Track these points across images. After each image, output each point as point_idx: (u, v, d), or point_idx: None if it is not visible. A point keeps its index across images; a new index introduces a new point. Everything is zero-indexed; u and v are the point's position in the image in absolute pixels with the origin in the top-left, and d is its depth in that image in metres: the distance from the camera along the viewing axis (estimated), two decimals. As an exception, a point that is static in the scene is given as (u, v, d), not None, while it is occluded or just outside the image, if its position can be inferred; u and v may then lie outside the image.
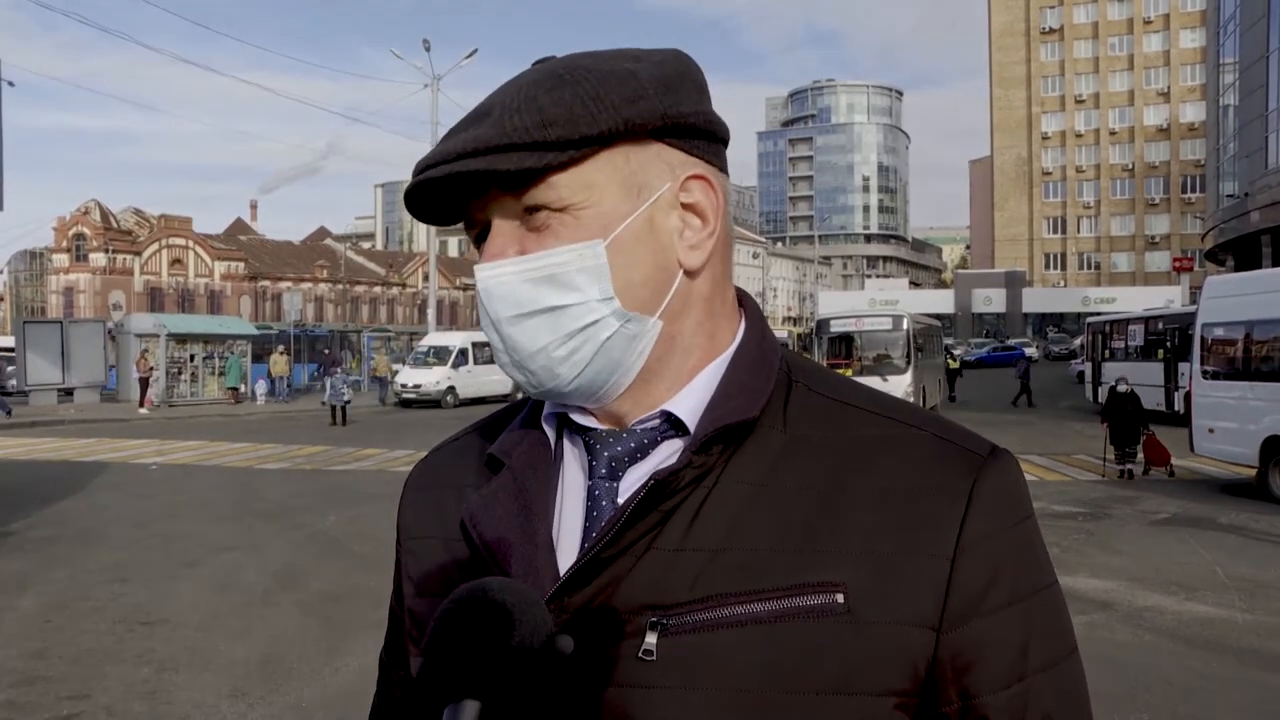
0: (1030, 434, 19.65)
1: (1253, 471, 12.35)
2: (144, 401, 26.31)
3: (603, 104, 0.74)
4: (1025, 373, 28.61)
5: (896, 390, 17.55)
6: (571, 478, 0.81)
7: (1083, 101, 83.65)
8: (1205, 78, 53.37)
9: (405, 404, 29.01)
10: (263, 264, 68.18)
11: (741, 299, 0.86)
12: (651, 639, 0.71)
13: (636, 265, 0.76)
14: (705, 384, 0.79)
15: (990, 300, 74.31)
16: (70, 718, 5.11)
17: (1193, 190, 76.72)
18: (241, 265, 66.32)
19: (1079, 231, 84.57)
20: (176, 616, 6.96)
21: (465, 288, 74.09)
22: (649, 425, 0.79)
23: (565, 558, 0.76)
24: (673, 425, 0.79)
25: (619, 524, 0.73)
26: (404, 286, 76.69)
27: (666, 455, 0.78)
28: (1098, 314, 33.87)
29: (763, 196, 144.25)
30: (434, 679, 0.66)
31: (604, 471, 0.79)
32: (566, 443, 0.83)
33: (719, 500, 0.74)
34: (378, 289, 74.85)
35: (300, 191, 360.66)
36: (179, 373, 29.52)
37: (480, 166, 0.73)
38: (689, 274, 0.79)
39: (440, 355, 29.63)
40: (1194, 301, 16.86)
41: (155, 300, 59.74)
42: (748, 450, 0.76)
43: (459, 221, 0.82)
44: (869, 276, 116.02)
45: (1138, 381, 16.97)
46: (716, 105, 0.83)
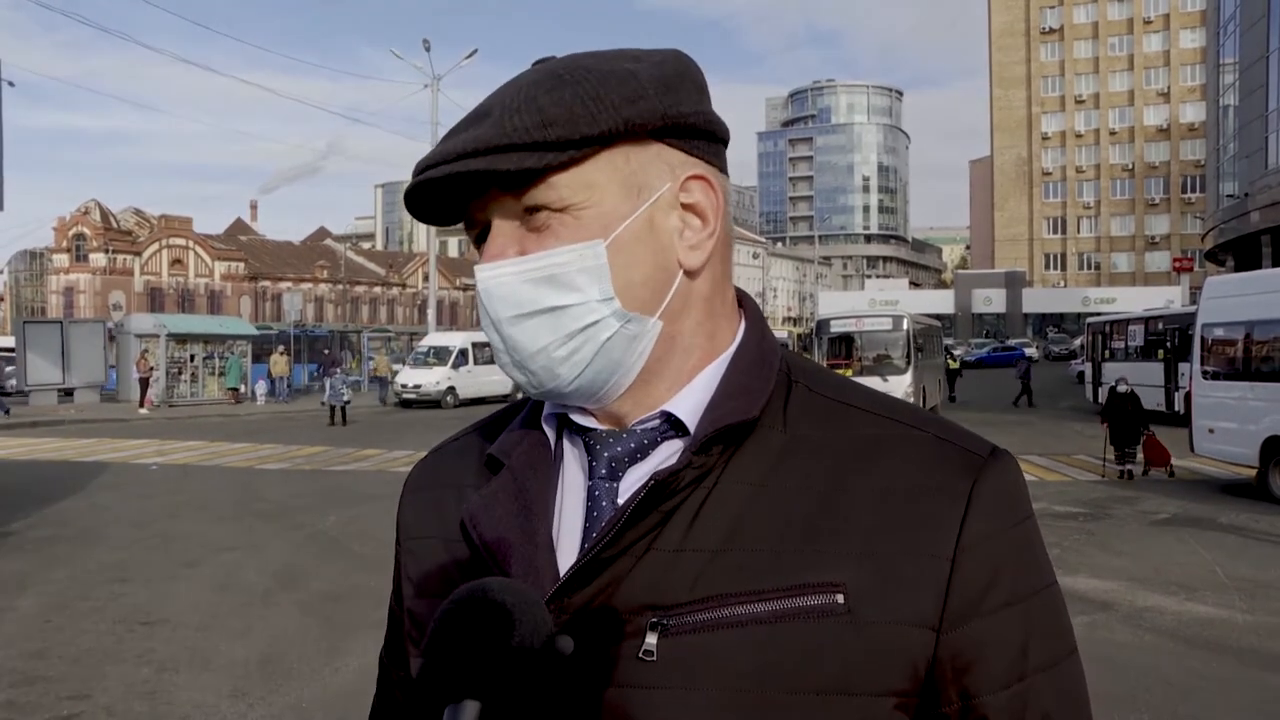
0: (1030, 434, 19.65)
1: (1253, 472, 12.35)
2: (144, 402, 26.33)
3: (603, 104, 0.74)
4: (1026, 373, 28.61)
5: (896, 390, 17.60)
6: (571, 478, 0.81)
7: (1083, 102, 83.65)
8: (1205, 78, 53.36)
9: (405, 404, 29.01)
10: (263, 264, 68.19)
11: (741, 299, 0.86)
12: (652, 639, 0.71)
13: (637, 265, 0.76)
14: (705, 384, 0.79)
15: (990, 300, 74.28)
16: (70, 718, 5.11)
17: (1193, 190, 76.73)
18: (241, 265, 66.34)
19: (1079, 232, 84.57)
20: (176, 616, 6.96)
21: (465, 288, 74.08)
22: (649, 425, 0.79)
23: (565, 558, 0.76)
24: (673, 425, 0.79)
25: (619, 524, 0.73)
26: (404, 287, 76.69)
27: (666, 456, 0.78)
28: (1098, 314, 33.84)
29: (763, 196, 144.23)
30: (434, 679, 0.66)
31: (604, 472, 0.79)
32: (566, 443, 0.83)
33: (719, 501, 0.74)
34: (378, 289, 74.85)
35: (300, 192, 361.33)
36: (179, 373, 29.53)
37: (480, 167, 0.73)
38: (689, 274, 0.79)
39: (440, 355, 29.63)
40: (1194, 302, 16.86)
41: (155, 300, 59.76)
42: (748, 450, 0.76)
43: (459, 222, 0.81)
44: (869, 277, 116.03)
45: (1138, 382, 16.96)
46: (716, 105, 0.82)
